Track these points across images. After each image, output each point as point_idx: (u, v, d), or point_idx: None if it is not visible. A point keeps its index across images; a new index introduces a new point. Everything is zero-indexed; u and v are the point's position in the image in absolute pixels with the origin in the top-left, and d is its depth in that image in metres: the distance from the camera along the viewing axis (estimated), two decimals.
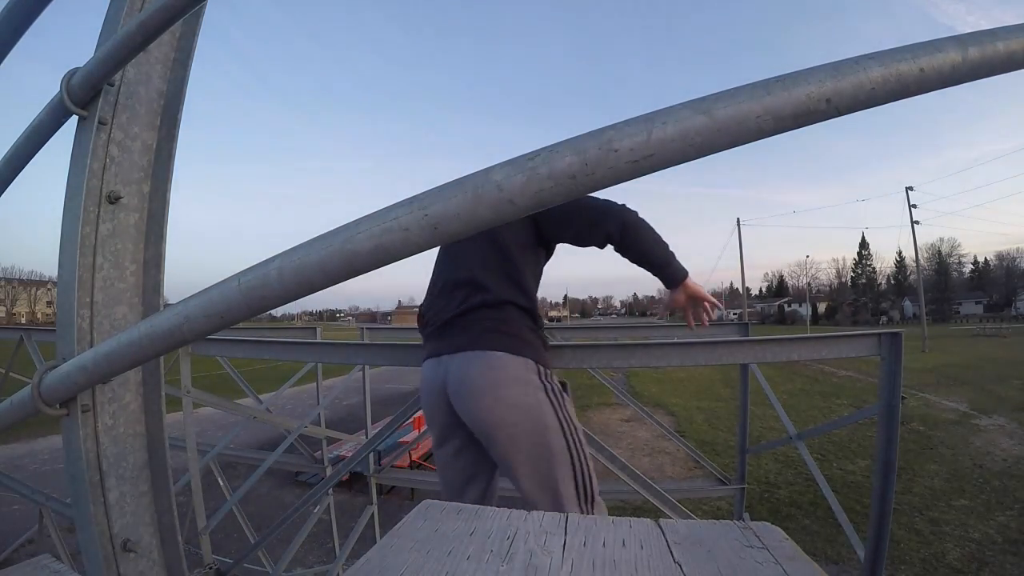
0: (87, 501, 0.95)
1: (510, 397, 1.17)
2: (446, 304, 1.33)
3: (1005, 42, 0.42)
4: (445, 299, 1.35)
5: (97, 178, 1.01)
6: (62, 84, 0.89)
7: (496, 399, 1.16)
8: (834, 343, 1.40)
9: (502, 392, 1.17)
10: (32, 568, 0.78)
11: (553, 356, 1.51)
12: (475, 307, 1.27)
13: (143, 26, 0.77)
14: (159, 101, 1.12)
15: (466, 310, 1.28)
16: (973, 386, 13.91)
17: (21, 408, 0.85)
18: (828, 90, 0.42)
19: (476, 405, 1.17)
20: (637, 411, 3.34)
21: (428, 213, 0.48)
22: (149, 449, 1.10)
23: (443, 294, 1.36)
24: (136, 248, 1.09)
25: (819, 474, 2.09)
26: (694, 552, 0.50)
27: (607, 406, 12.41)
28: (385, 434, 1.89)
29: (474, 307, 1.27)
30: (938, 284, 64.56)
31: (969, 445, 8.55)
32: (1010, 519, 5.63)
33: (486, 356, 1.20)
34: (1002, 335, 32.23)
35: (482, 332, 1.24)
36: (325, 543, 5.00)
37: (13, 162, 1.01)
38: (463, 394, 1.20)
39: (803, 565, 0.47)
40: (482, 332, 1.24)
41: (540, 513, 0.60)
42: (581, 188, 0.46)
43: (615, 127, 0.45)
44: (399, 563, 0.48)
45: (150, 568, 1.07)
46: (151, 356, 0.67)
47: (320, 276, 0.53)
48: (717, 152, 0.44)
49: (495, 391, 1.17)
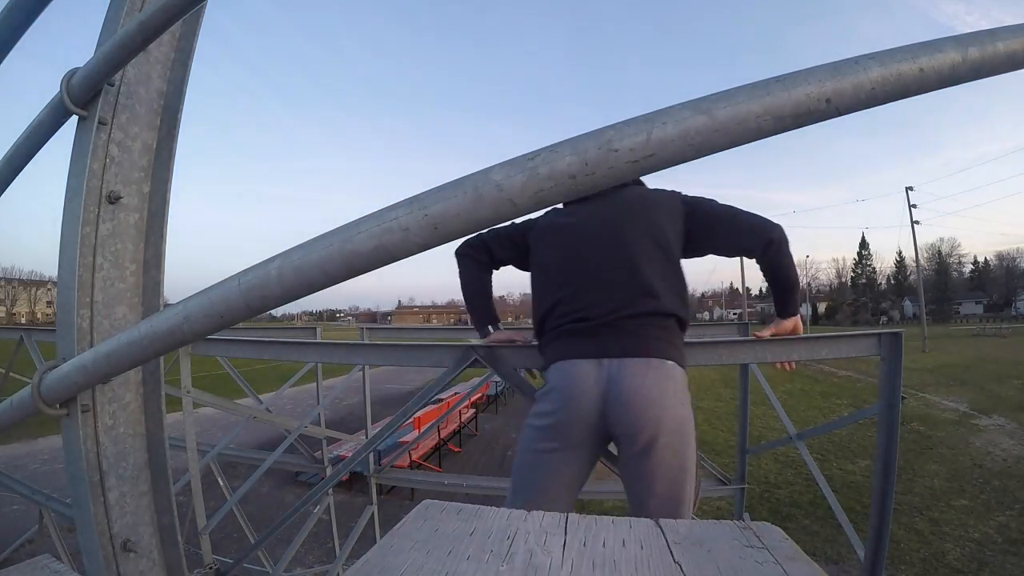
0: (87, 501, 0.95)
1: (675, 408, 1.16)
2: (606, 301, 1.24)
3: (1005, 42, 0.42)
4: (604, 295, 1.25)
5: (97, 178, 1.01)
6: (62, 84, 0.89)
7: (664, 409, 1.14)
8: (834, 343, 1.40)
9: (669, 403, 1.15)
10: (32, 568, 0.78)
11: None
12: (647, 313, 1.22)
13: (143, 26, 0.77)
14: (159, 101, 1.12)
15: (637, 314, 1.22)
16: (973, 386, 13.91)
17: (21, 408, 0.85)
18: (828, 90, 0.42)
19: (646, 414, 1.13)
20: None
21: (428, 213, 0.48)
22: (149, 449, 1.10)
23: (599, 289, 1.26)
24: (136, 248, 1.09)
25: (819, 474, 2.09)
26: (694, 552, 0.50)
27: None
28: (385, 434, 1.89)
29: (646, 313, 1.22)
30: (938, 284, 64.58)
31: (969, 445, 8.55)
32: (1010, 519, 5.63)
33: (661, 365, 1.18)
34: (1002, 335, 32.24)
35: (654, 340, 1.21)
36: (325, 543, 5.00)
37: (13, 162, 1.01)
38: (634, 401, 1.14)
39: (803, 565, 0.47)
40: (654, 340, 1.21)
41: (540, 513, 0.60)
42: (581, 188, 0.46)
43: (615, 127, 0.45)
44: (399, 563, 0.48)
45: (150, 568, 1.07)
46: (151, 356, 0.67)
47: (320, 276, 0.53)
48: (717, 152, 0.44)
49: (664, 401, 1.15)
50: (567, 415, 1.19)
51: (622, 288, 1.25)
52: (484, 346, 1.50)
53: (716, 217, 1.33)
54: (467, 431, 10.28)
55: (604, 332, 1.22)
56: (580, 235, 1.34)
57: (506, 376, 1.51)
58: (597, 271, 1.28)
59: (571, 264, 1.32)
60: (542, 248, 1.40)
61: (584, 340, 1.23)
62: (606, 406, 1.16)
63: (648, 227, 1.31)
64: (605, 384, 1.17)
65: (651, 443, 1.14)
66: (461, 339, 3.55)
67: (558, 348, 1.25)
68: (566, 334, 1.26)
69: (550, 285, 1.33)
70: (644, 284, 1.25)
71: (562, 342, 1.25)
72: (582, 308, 1.25)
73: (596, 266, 1.29)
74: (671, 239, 1.31)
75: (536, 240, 1.42)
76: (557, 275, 1.33)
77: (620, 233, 1.30)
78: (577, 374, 1.19)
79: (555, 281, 1.33)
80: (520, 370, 1.53)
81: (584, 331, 1.24)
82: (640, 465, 1.15)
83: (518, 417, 11.84)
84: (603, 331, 1.22)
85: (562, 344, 1.25)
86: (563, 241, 1.36)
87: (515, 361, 1.49)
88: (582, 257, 1.31)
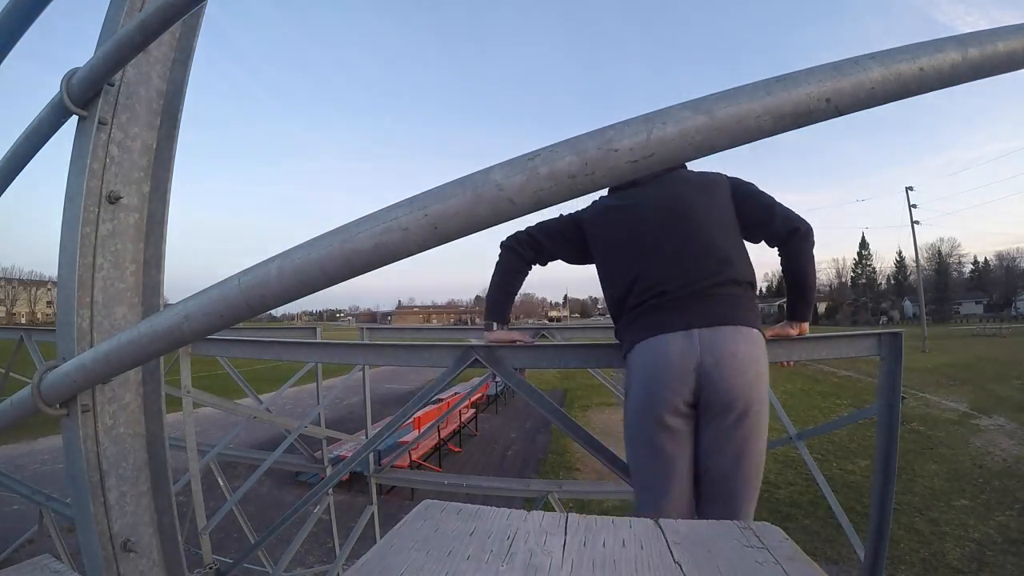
0: (87, 501, 0.95)
1: (763, 376, 1.18)
2: (687, 273, 1.23)
3: (1005, 42, 0.42)
4: (683, 268, 1.24)
5: (97, 178, 1.01)
6: (62, 84, 0.89)
7: (757, 375, 1.16)
8: (834, 343, 1.40)
9: (760, 369, 1.18)
10: (32, 568, 0.78)
11: (553, 356, 1.51)
12: (728, 281, 1.23)
13: (143, 26, 0.77)
14: (159, 101, 1.12)
15: (720, 282, 1.22)
16: (973, 386, 13.91)
17: (21, 408, 0.85)
18: (828, 90, 0.42)
19: (743, 380, 1.14)
20: None
21: (428, 213, 0.48)
22: (149, 449, 1.10)
23: (678, 262, 1.25)
24: (136, 248, 1.09)
25: (819, 474, 2.09)
26: (694, 552, 0.50)
27: (607, 406, 12.41)
28: (385, 434, 1.89)
29: (727, 281, 1.23)
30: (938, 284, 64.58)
31: (969, 445, 8.55)
32: (1010, 519, 5.63)
33: (749, 332, 1.19)
34: (1002, 335, 32.24)
35: (739, 307, 1.22)
36: (325, 543, 5.00)
37: (13, 162, 1.01)
38: (732, 367, 1.14)
39: (803, 565, 0.47)
40: (739, 307, 1.22)
41: (540, 513, 0.60)
42: (581, 188, 0.46)
43: (615, 127, 0.45)
44: (399, 563, 0.48)
45: (150, 568, 1.07)
46: (151, 356, 0.67)
47: (320, 276, 0.53)
48: (717, 152, 0.44)
49: (756, 366, 1.17)
50: (665, 388, 1.16)
51: (700, 259, 1.25)
52: (483, 346, 1.50)
53: (756, 199, 1.37)
54: (467, 431, 10.28)
55: (689, 302, 1.20)
56: (646, 215, 1.32)
57: (506, 376, 1.50)
58: (672, 246, 1.27)
59: (644, 242, 1.30)
60: (605, 233, 1.38)
61: (668, 313, 1.20)
62: (701, 376, 1.15)
63: (711, 202, 1.34)
64: (699, 354, 1.15)
65: (746, 411, 1.15)
66: (461, 339, 3.55)
67: (640, 327, 1.23)
68: (648, 311, 1.23)
69: (623, 267, 1.32)
70: (721, 253, 1.26)
71: (644, 319, 1.23)
72: (661, 282, 1.23)
73: (671, 241, 1.28)
74: (731, 213, 1.35)
75: (595, 228, 1.40)
76: (629, 256, 1.31)
77: (688, 208, 1.31)
78: (665, 349, 1.17)
79: (628, 262, 1.31)
80: (521, 370, 1.53)
81: (667, 304, 1.21)
82: (733, 434, 1.15)
83: (518, 417, 11.85)
84: (688, 302, 1.21)
85: (645, 322, 1.23)
86: (628, 223, 1.34)
87: (515, 361, 1.49)
88: (654, 235, 1.30)
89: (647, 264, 1.27)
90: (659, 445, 1.20)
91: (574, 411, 11.99)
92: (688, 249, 1.26)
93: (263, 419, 3.29)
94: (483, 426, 11.15)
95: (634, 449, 1.26)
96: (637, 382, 1.21)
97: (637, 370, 1.22)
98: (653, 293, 1.24)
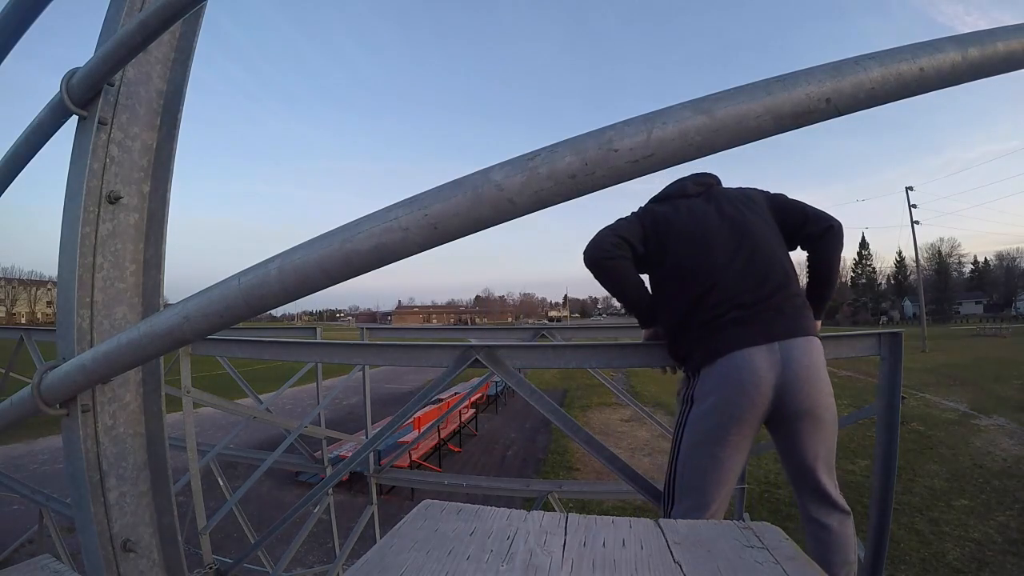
0: (87, 501, 0.95)
1: (828, 380, 1.26)
2: (759, 287, 1.26)
3: (1005, 42, 0.42)
4: (755, 282, 1.27)
5: (97, 178, 1.01)
6: (62, 84, 0.89)
7: (826, 380, 1.25)
8: (834, 343, 1.40)
9: (826, 375, 1.26)
10: (32, 568, 0.78)
11: (553, 356, 1.51)
12: (793, 293, 1.29)
13: (143, 26, 0.77)
14: (159, 101, 1.12)
15: (788, 295, 1.28)
16: (973, 386, 13.90)
17: (21, 408, 0.85)
18: (828, 90, 0.42)
19: (819, 388, 1.22)
20: (637, 411, 3.34)
21: (428, 213, 0.48)
22: (149, 449, 1.10)
23: (751, 275, 1.28)
24: (136, 248, 1.09)
25: None
26: (694, 552, 0.50)
27: (607, 406, 12.41)
28: (385, 434, 1.89)
29: (793, 293, 1.29)
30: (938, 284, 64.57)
31: (969, 445, 8.54)
32: (1010, 519, 5.63)
33: (815, 340, 1.26)
34: (1002, 335, 32.23)
35: (805, 317, 1.28)
36: (325, 543, 5.00)
37: (13, 162, 1.01)
38: (809, 379, 1.20)
39: (803, 565, 0.47)
40: (805, 317, 1.28)
41: (540, 513, 0.60)
42: (581, 188, 0.46)
43: (615, 127, 0.45)
44: (399, 563, 0.48)
45: (150, 568, 1.07)
46: (151, 356, 0.67)
47: (320, 276, 0.53)
48: (717, 152, 0.44)
49: (825, 371, 1.25)
50: (749, 402, 1.19)
51: (769, 272, 1.29)
52: (483, 346, 1.50)
53: (791, 206, 1.44)
54: (467, 431, 10.28)
55: (767, 315, 1.24)
56: (710, 228, 1.35)
57: (506, 376, 1.51)
58: (743, 259, 1.30)
59: (715, 256, 1.31)
60: (672, 245, 1.37)
61: (749, 327, 1.23)
62: (781, 387, 1.20)
63: (762, 217, 1.39)
64: (780, 367, 1.20)
65: (823, 414, 1.23)
66: (461, 339, 3.55)
67: (722, 340, 1.24)
68: (728, 324, 1.24)
69: (693, 279, 1.31)
70: (782, 266, 1.32)
71: (725, 333, 1.24)
72: (738, 295, 1.26)
73: (740, 255, 1.30)
74: (775, 226, 1.40)
75: (659, 238, 1.38)
76: (700, 268, 1.31)
77: (745, 224, 1.35)
78: (752, 362, 1.20)
79: (699, 274, 1.31)
80: (521, 371, 1.53)
81: (747, 318, 1.24)
82: (813, 436, 1.24)
83: (518, 417, 11.84)
84: (766, 315, 1.24)
85: (726, 335, 1.24)
86: (695, 235, 1.35)
87: (515, 361, 1.49)
88: (724, 248, 1.32)
89: (721, 277, 1.29)
90: (722, 457, 1.23)
91: (574, 411, 11.98)
92: (757, 262, 1.30)
93: (263, 419, 3.29)
94: (483, 426, 11.15)
95: (692, 457, 1.27)
96: (716, 395, 1.22)
97: (719, 382, 1.22)
98: (732, 306, 1.25)
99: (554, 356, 1.50)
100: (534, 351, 1.51)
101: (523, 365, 1.49)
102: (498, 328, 5.66)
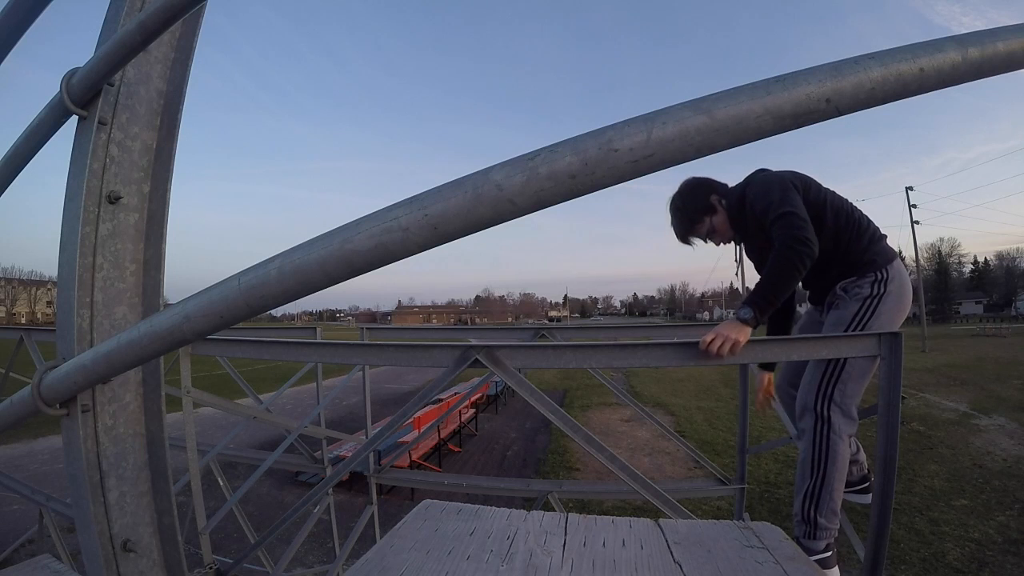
0: (87, 501, 0.95)
1: None
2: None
3: (1005, 42, 0.42)
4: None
5: (97, 178, 1.01)
6: (62, 84, 0.89)
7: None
8: (834, 343, 1.40)
9: None
10: (32, 568, 0.78)
11: (553, 356, 1.51)
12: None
13: (143, 26, 0.77)
14: (159, 101, 1.11)
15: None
16: (973, 386, 13.90)
17: (21, 408, 0.85)
18: (828, 90, 0.42)
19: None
20: (637, 411, 3.34)
21: (428, 213, 0.48)
22: (149, 449, 1.10)
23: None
24: (136, 248, 1.09)
25: None
26: (694, 552, 0.50)
27: (607, 406, 12.41)
28: (385, 434, 1.89)
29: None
30: (938, 284, 64.53)
31: (969, 445, 8.54)
32: (1010, 519, 5.63)
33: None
34: (1002, 335, 32.21)
35: None
36: (325, 543, 5.00)
37: (13, 162, 1.01)
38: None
39: (803, 565, 0.47)
40: None
41: (540, 513, 0.60)
42: (581, 188, 0.46)
43: (615, 127, 0.45)
44: (399, 563, 0.48)
45: (150, 568, 1.07)
46: (151, 356, 0.67)
47: (320, 276, 0.53)
48: (717, 152, 0.44)
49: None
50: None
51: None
52: (483, 346, 1.49)
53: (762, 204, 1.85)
54: (467, 431, 10.28)
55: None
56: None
57: (506, 376, 1.50)
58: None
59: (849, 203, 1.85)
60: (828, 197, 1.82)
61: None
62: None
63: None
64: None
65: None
66: (461, 339, 3.55)
67: (890, 249, 1.79)
68: (884, 239, 1.81)
69: (856, 215, 1.81)
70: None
71: (887, 246, 1.80)
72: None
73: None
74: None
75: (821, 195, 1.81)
76: (852, 209, 1.82)
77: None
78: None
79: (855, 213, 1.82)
80: (521, 371, 1.53)
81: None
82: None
83: (518, 417, 11.84)
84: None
85: (888, 248, 1.79)
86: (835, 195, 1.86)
87: (515, 361, 1.48)
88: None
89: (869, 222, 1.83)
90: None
91: (574, 411, 11.99)
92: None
93: (263, 419, 3.29)
94: (483, 426, 11.15)
95: (887, 326, 1.66)
96: (902, 288, 1.71)
97: (903, 278, 1.73)
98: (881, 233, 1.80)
99: (554, 356, 1.50)
100: (534, 351, 1.51)
101: (523, 365, 1.49)
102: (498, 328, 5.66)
